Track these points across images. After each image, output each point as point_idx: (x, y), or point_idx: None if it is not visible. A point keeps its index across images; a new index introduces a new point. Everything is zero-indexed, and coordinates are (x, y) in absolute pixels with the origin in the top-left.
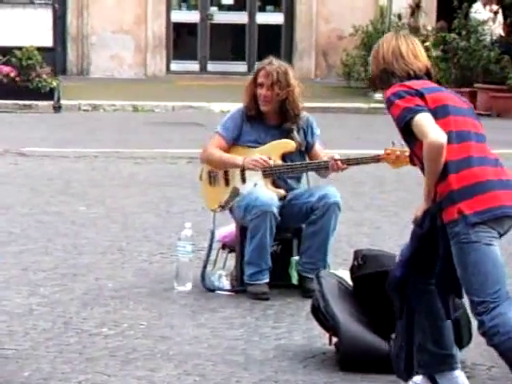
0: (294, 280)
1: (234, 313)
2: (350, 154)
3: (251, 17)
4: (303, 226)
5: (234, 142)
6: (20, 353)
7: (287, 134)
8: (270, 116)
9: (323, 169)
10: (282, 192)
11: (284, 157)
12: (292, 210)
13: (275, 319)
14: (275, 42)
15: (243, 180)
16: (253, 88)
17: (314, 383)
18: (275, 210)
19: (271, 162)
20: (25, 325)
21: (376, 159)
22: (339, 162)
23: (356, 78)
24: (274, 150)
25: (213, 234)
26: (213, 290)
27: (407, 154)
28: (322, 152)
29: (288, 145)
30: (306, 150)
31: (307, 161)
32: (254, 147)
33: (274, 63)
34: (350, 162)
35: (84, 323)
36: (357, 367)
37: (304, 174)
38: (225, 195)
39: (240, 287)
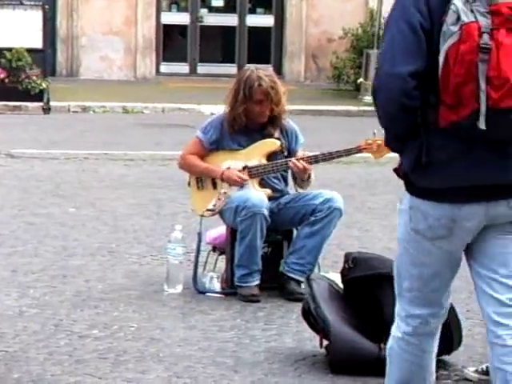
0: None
1: (224, 315)
2: None
3: (241, 19)
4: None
5: (215, 146)
6: (10, 355)
7: (269, 138)
8: (254, 122)
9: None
10: (268, 191)
11: (269, 157)
12: (288, 212)
13: (265, 321)
14: (265, 44)
15: None
16: (246, 104)
17: None
18: (266, 212)
19: (245, 177)
20: (14, 327)
21: (358, 149)
22: (299, 162)
23: (346, 81)
24: (259, 150)
25: (200, 237)
26: (203, 293)
27: None
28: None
29: (273, 144)
30: (288, 156)
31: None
32: (237, 150)
33: (264, 77)
34: (333, 155)
35: (74, 325)
36: (347, 370)
37: (291, 183)
38: (213, 199)
39: (230, 289)
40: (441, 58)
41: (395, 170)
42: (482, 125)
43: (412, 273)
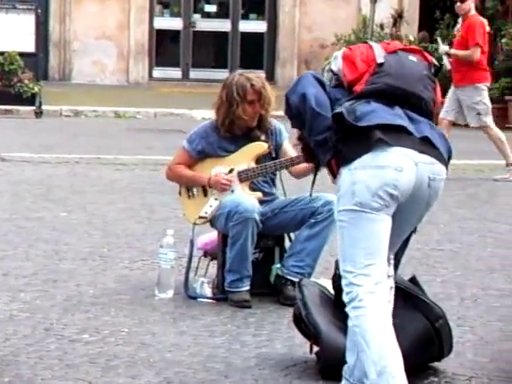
0: (272, 278)
1: (215, 320)
2: None
3: (234, 25)
4: (285, 233)
5: (202, 155)
6: (0, 359)
7: (256, 141)
8: (240, 127)
9: (297, 165)
10: (259, 195)
11: (257, 160)
12: (284, 216)
13: (256, 327)
14: (258, 50)
15: None
16: (240, 105)
17: None
18: (257, 217)
19: (232, 178)
20: (5, 331)
21: None
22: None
23: None
24: (247, 154)
25: (192, 243)
26: (194, 298)
27: None
28: (292, 150)
29: (261, 147)
30: (276, 153)
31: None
32: (224, 156)
33: (253, 78)
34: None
35: (65, 329)
36: (338, 376)
37: (280, 184)
38: (204, 206)
39: (221, 295)
40: (339, 62)
41: (328, 165)
42: (380, 59)
43: (364, 246)
